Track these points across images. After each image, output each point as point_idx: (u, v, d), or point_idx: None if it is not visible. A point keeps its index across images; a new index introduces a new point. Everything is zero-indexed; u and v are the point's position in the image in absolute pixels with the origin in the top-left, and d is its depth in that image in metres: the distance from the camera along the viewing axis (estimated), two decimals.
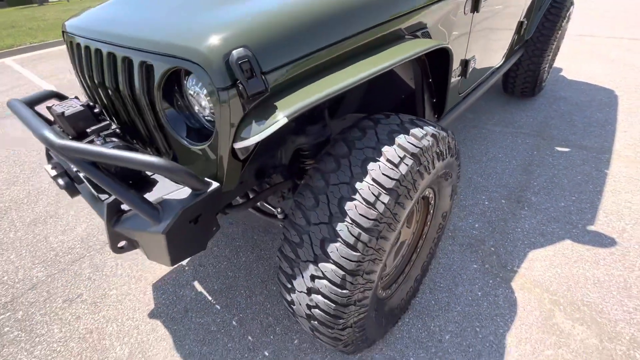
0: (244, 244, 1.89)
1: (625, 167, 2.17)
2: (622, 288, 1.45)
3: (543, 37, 2.62)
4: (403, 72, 1.32)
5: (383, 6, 1.04)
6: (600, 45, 4.44)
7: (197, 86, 0.81)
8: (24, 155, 3.05)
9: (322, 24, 0.88)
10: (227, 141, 0.81)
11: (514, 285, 1.51)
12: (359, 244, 0.82)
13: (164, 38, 0.82)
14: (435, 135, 0.98)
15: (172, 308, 1.57)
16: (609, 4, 6.74)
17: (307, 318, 0.95)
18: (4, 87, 5.18)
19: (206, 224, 0.95)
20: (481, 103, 3.20)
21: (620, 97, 3.05)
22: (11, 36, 8.87)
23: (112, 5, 1.20)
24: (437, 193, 1.25)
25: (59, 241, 2.02)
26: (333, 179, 0.88)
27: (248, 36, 0.76)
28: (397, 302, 1.28)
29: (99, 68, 1.06)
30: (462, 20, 1.43)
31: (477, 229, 1.83)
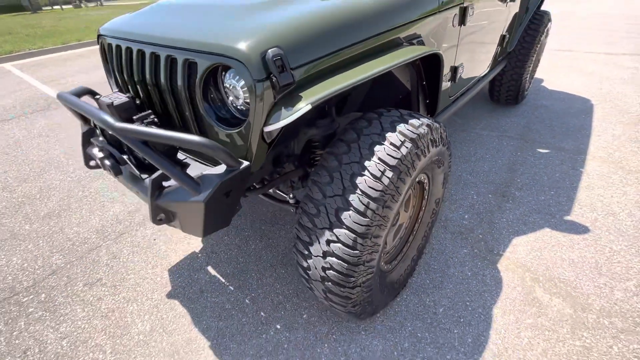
0: (253, 233, 2.03)
1: (598, 166, 2.40)
2: (594, 267, 1.64)
3: (524, 50, 2.88)
4: (401, 75, 1.51)
5: (384, 18, 1.24)
6: (579, 59, 4.78)
7: (235, 79, 0.98)
8: (31, 155, 3.14)
9: (338, 30, 1.06)
10: (259, 126, 0.97)
11: (500, 267, 1.69)
12: (368, 211, 0.98)
13: (208, 39, 0.98)
14: (429, 125, 1.16)
15: (189, 289, 1.69)
16: (589, 22, 7.21)
17: (322, 280, 1.10)
18: (6, 91, 5.25)
19: (234, 200, 1.11)
20: (469, 110, 3.44)
21: (595, 105, 3.33)
22: (9, 42, 8.93)
23: (150, 12, 1.37)
24: (431, 179, 1.43)
25: (75, 232, 2.13)
26: (345, 159, 1.05)
27: (280, 38, 0.94)
28: (396, 277, 1.44)
29: (139, 67, 1.21)
30: (451, 32, 1.64)
31: (466, 219, 2.01)
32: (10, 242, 2.09)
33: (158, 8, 1.43)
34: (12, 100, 4.82)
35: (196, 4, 1.33)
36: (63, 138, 3.45)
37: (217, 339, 1.45)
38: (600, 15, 7.79)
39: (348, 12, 1.12)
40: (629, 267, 1.63)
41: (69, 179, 2.71)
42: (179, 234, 2.05)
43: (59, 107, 4.40)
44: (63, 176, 2.76)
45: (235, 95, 1.01)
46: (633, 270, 1.61)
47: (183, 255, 1.91)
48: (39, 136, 3.55)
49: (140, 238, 2.05)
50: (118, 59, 1.33)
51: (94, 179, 2.68)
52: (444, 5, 1.49)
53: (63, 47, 8.16)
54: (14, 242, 2.08)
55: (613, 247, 1.75)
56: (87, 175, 2.75)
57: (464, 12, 1.65)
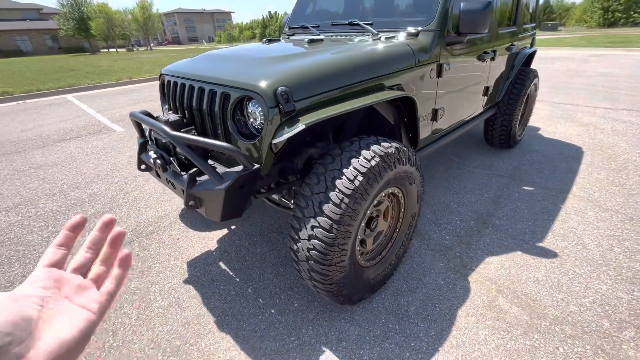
0: (260, 239, 2.37)
1: (577, 204, 2.62)
2: (555, 285, 1.84)
3: (511, 100, 3.27)
4: (385, 112, 1.92)
5: (370, 69, 1.67)
6: (579, 112, 5.10)
7: (255, 107, 1.41)
8: (84, 168, 3.72)
9: (329, 78, 1.50)
10: (268, 139, 1.37)
11: (470, 279, 1.92)
12: (342, 204, 1.32)
13: (240, 79, 1.44)
14: (397, 147, 1.53)
15: (202, 278, 2.02)
16: (594, 80, 7.61)
17: (306, 260, 1.41)
18: (66, 117, 6.14)
19: (247, 194, 1.48)
20: (466, 151, 3.78)
21: (585, 153, 3.59)
22: (72, 77, 10.36)
23: (199, 60, 1.89)
24: (406, 194, 1.76)
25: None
26: (329, 167, 1.42)
27: (287, 81, 1.37)
28: (373, 275, 1.72)
29: (189, 96, 1.69)
30: (429, 82, 2.06)
31: (447, 240, 2.27)
32: None
33: (205, 57, 1.97)
34: (71, 124, 5.64)
35: (232, 55, 1.84)
36: (110, 156, 4.05)
37: (221, 317, 1.74)
38: (607, 75, 8.19)
39: (339, 65, 1.57)
40: (587, 287, 1.82)
41: (113, 189, 3.21)
42: (199, 236, 2.42)
43: (108, 132, 5.13)
44: (108, 186, 3.27)
45: (254, 117, 1.44)
46: (591, 290, 1.80)
47: (200, 252, 2.26)
48: (90, 154, 4.18)
49: (166, 237, 2.43)
50: (173, 91, 1.82)
51: (133, 190, 3.17)
52: (421, 62, 1.93)
53: (116, 83, 9.39)
54: None
55: (576, 270, 1.95)
56: (128, 186, 3.25)
57: (440, 67, 2.08)
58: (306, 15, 2.86)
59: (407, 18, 2.20)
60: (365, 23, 2.20)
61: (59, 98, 8.11)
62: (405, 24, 2.11)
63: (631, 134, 4.03)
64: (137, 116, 1.69)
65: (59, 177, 3.53)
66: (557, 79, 7.88)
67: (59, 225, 2.62)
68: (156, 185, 3.24)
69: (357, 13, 2.55)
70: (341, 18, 2.52)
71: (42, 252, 2.30)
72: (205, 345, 1.59)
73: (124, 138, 4.79)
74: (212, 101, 1.57)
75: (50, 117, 6.17)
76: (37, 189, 3.27)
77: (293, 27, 2.79)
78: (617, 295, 1.76)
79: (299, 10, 2.93)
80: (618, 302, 1.72)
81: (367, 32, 2.17)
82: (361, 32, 2.21)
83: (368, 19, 2.26)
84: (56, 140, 4.80)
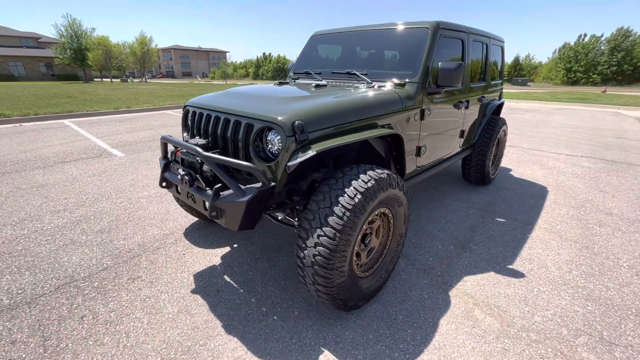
0: (261, 256, 2.57)
1: (542, 234, 2.98)
2: (522, 300, 2.12)
3: (484, 143, 3.75)
4: (377, 146, 2.28)
5: (366, 111, 2.05)
6: (544, 157, 5.71)
7: (274, 135, 1.72)
8: (87, 188, 3.87)
9: (335, 116, 1.85)
10: (284, 162, 1.67)
11: (450, 294, 2.17)
12: (344, 217, 1.60)
13: (263, 113, 1.76)
14: (389, 174, 1.85)
15: (208, 289, 2.19)
16: (560, 131, 8.48)
17: (312, 265, 1.65)
18: (65, 141, 6.30)
19: (262, 208, 1.75)
20: (448, 186, 4.18)
21: (549, 192, 4.05)
22: (69, 104, 10.59)
23: (222, 95, 2.24)
24: (394, 215, 2.05)
25: (121, 244, 2.70)
26: (333, 187, 1.71)
27: (302, 116, 1.71)
28: (367, 285, 1.95)
29: (214, 125, 2.00)
30: (414, 123, 2.46)
31: (430, 261, 2.54)
32: (70, 246, 2.65)
33: (227, 94, 2.32)
34: (71, 147, 5.80)
35: (252, 94, 2.19)
36: (113, 179, 4.23)
37: (228, 322, 1.91)
38: (570, 126, 9.15)
39: (342, 106, 1.93)
40: (549, 302, 2.10)
41: (118, 208, 3.37)
42: (204, 252, 2.60)
43: (109, 156, 5.32)
44: (113, 205, 3.42)
45: (272, 144, 1.74)
46: (552, 304, 2.08)
47: (206, 266, 2.43)
48: (93, 175, 4.34)
49: (172, 252, 2.60)
50: (199, 120, 2.13)
51: (137, 209, 3.34)
52: (407, 108, 2.33)
53: (114, 111, 9.67)
54: (74, 246, 2.65)
55: (540, 288, 2.24)
56: (132, 206, 3.41)
57: (423, 112, 2.50)
58: (309, 62, 3.32)
59: (395, 71, 2.66)
60: (361, 73, 2.64)
61: (57, 122, 8.28)
62: (394, 76, 2.55)
63: (589, 178, 4.57)
64: (168, 139, 1.97)
65: (62, 195, 3.66)
66: (527, 128, 8.73)
67: (66, 239, 2.74)
68: (160, 206, 3.43)
69: (353, 64, 3.01)
70: (338, 67, 2.98)
71: (50, 264, 2.42)
72: (214, 346, 1.74)
73: (124, 163, 4.98)
74: (236, 130, 1.88)
75: (49, 140, 6.32)
76: (42, 206, 3.38)
77: (298, 72, 3.23)
78: (574, 309, 2.05)
79: (303, 58, 3.40)
80: (574, 315, 2.00)
81: (362, 80, 2.59)
82: (357, 80, 2.64)
83: (363, 70, 2.71)
84: (56, 162, 4.94)
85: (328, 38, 3.35)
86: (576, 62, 41.82)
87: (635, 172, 4.85)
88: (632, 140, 7.23)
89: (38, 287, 2.16)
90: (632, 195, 3.92)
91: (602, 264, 2.52)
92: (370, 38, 3.02)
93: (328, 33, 3.36)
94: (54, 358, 1.65)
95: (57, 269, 2.35)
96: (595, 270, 2.44)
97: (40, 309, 1.97)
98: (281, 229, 3.02)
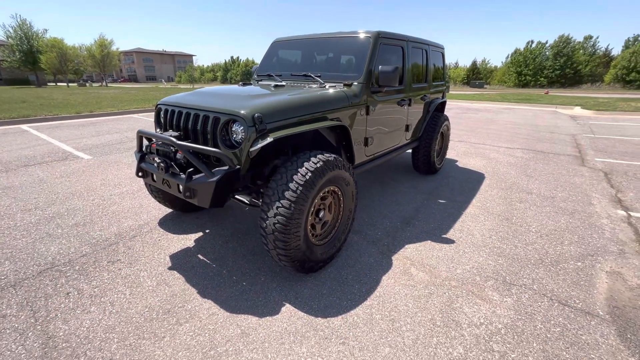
0: (232, 239, 2.88)
1: (473, 210, 3.53)
2: (449, 259, 2.60)
3: (428, 136, 4.30)
4: (329, 135, 2.68)
5: (318, 106, 2.44)
6: (487, 150, 6.44)
7: (238, 126, 2.06)
8: (57, 188, 3.95)
9: (290, 110, 2.22)
10: (247, 148, 2.02)
11: (393, 258, 2.61)
12: (297, 190, 1.97)
13: (228, 107, 2.10)
14: (335, 157, 2.25)
15: (184, 265, 2.47)
16: (503, 127, 9.42)
17: (272, 232, 2.00)
18: (25, 145, 6.17)
19: (229, 188, 2.08)
20: (400, 176, 4.69)
21: (486, 178, 4.68)
22: (25, 109, 10.15)
23: (192, 95, 2.54)
24: (343, 193, 2.46)
25: (98, 235, 2.89)
26: (289, 168, 2.08)
27: (261, 110, 2.07)
28: (322, 251, 2.33)
29: (185, 120, 2.30)
30: (360, 117, 2.89)
31: (379, 235, 2.98)
32: (47, 238, 2.81)
33: (196, 93, 2.62)
34: (33, 151, 5.72)
35: (218, 93, 2.51)
36: (83, 179, 4.32)
37: (203, 289, 2.21)
38: (512, 123, 10.19)
39: (295, 102, 2.31)
40: (470, 259, 2.60)
41: (90, 204, 3.52)
42: (178, 238, 2.86)
43: (75, 159, 5.34)
44: (85, 203, 3.57)
45: (236, 134, 2.08)
46: (472, 261, 2.58)
47: (180, 248, 2.70)
48: (60, 177, 4.40)
49: (148, 238, 2.84)
50: (171, 116, 2.42)
51: (110, 205, 3.51)
52: (353, 105, 2.76)
53: (76, 115, 9.42)
54: (50, 239, 2.81)
55: (465, 250, 2.74)
56: (105, 202, 3.58)
57: (368, 108, 2.94)
58: (271, 66, 3.68)
59: (345, 73, 3.08)
60: (316, 75, 3.04)
61: (14, 127, 7.97)
62: (344, 78, 2.98)
63: (519, 165, 5.30)
64: (145, 132, 2.25)
65: (31, 196, 3.73)
66: (476, 125, 9.63)
67: (42, 232, 2.89)
68: (133, 201, 3.61)
69: (309, 67, 3.40)
70: (297, 70, 3.36)
71: (29, 254, 2.57)
72: (192, 307, 2.04)
73: (92, 165, 5.04)
74: (205, 123, 2.19)
75: (7, 145, 6.15)
76: (11, 205, 3.45)
77: (261, 75, 3.58)
78: (487, 262, 2.56)
79: (265, 62, 3.75)
80: (487, 266, 2.50)
81: (316, 81, 2.99)
82: (312, 81, 3.04)
83: (318, 72, 3.11)
84: (19, 166, 4.90)
85: (287, 44, 3.73)
86: (526, 66, 45.45)
87: (558, 160, 5.67)
88: (561, 134, 8.26)
89: (20, 273, 2.33)
90: (551, 178, 4.65)
91: (516, 230, 3.09)
92: (324, 45, 3.44)
93: (287, 40, 3.74)
94: (45, 325, 1.87)
95: (37, 258, 2.52)
96: (510, 235, 3.00)
97: (25, 290, 2.16)
98: (249, 215, 3.33)
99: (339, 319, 1.95)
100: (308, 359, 1.68)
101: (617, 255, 2.67)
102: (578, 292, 2.22)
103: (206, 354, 1.70)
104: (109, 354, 1.68)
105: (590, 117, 12.27)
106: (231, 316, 1.97)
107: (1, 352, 1.68)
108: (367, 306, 2.06)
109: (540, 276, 2.38)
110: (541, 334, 1.85)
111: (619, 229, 3.14)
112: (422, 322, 1.93)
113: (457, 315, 1.99)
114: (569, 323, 1.94)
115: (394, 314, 2.00)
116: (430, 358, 1.69)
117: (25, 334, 1.80)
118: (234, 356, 1.69)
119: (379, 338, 1.81)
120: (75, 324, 1.87)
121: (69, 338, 1.78)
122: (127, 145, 6.34)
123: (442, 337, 1.82)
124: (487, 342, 1.79)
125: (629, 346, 1.78)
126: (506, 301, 2.12)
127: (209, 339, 1.80)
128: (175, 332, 1.83)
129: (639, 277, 2.38)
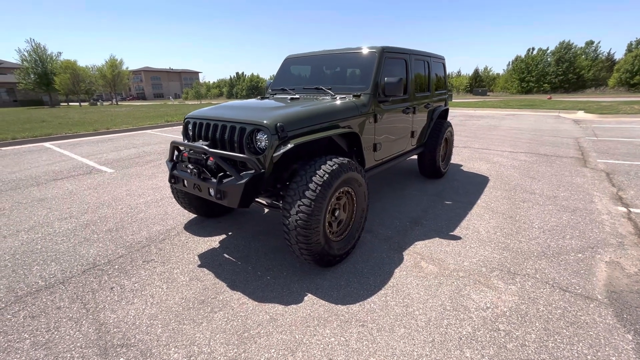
0: (254, 240, 3.11)
1: (478, 210, 3.72)
2: (457, 254, 2.79)
3: (433, 142, 4.53)
4: (341, 142, 2.93)
5: (330, 116, 2.70)
6: (491, 154, 6.63)
7: (262, 135, 2.32)
8: (87, 199, 4.25)
9: (307, 119, 2.48)
10: (270, 154, 2.27)
11: (404, 253, 2.81)
12: (317, 190, 2.21)
13: (253, 119, 2.36)
14: (349, 161, 2.49)
15: (211, 263, 2.70)
16: (506, 132, 9.60)
17: (295, 228, 2.22)
18: (51, 161, 6.54)
19: (256, 190, 2.32)
20: (407, 181, 4.91)
21: (490, 180, 4.87)
22: (45, 127, 10.65)
23: (218, 108, 2.83)
24: (356, 193, 2.69)
25: (130, 239, 3.15)
26: (308, 170, 2.32)
27: (283, 120, 2.33)
28: (338, 247, 2.55)
29: (214, 131, 2.58)
30: (369, 125, 3.15)
31: (390, 233, 3.19)
32: (85, 243, 3.07)
33: (221, 107, 2.91)
34: (59, 167, 6.08)
35: (241, 106, 2.79)
36: (109, 190, 4.62)
37: (232, 283, 2.43)
38: (516, 129, 10.37)
39: (311, 112, 2.58)
40: (476, 253, 2.79)
41: (120, 213, 3.79)
42: (204, 240, 3.10)
43: (99, 173, 5.66)
44: (115, 211, 3.84)
45: (261, 141, 2.34)
46: (478, 254, 2.77)
47: (207, 249, 2.94)
48: (88, 189, 4.70)
49: (177, 240, 3.08)
50: (199, 128, 2.70)
51: (138, 213, 3.78)
52: (362, 113, 3.02)
53: (94, 133, 9.87)
54: (88, 243, 3.07)
55: (471, 245, 2.92)
56: (132, 211, 3.85)
57: (376, 116, 3.20)
58: (284, 80, 3.98)
59: (353, 85, 3.35)
60: (327, 88, 3.32)
61: (37, 146, 8.41)
62: (352, 89, 3.25)
63: (522, 168, 5.47)
64: (178, 142, 2.53)
65: (64, 206, 4.02)
66: (480, 132, 9.84)
67: (80, 238, 3.15)
68: (158, 209, 3.88)
69: (320, 81, 3.68)
70: (309, 84, 3.65)
71: (71, 256, 2.83)
72: (223, 298, 2.26)
73: (116, 177, 5.36)
74: (232, 133, 2.46)
75: (34, 162, 6.53)
76: (47, 215, 3.74)
77: (275, 89, 3.87)
78: (493, 256, 2.74)
79: (279, 77, 4.05)
80: (493, 259, 2.68)
81: (327, 94, 3.27)
82: (324, 94, 3.31)
83: (328, 85, 3.39)
84: (48, 180, 5.24)
85: (299, 60, 4.04)
86: (528, 73, 45.71)
87: (561, 162, 5.84)
88: (564, 138, 8.42)
89: (67, 272, 2.58)
90: (554, 179, 4.82)
91: (520, 227, 3.27)
92: (333, 60, 3.74)
93: (299, 56, 4.05)
94: (96, 315, 2.10)
95: (79, 259, 2.78)
96: (514, 231, 3.18)
97: (74, 286, 2.41)
98: (269, 218, 3.57)
99: (357, 306, 2.15)
100: (331, 338, 1.88)
101: (617, 247, 2.83)
102: (578, 279, 2.39)
103: (241, 335, 1.91)
104: (155, 337, 1.90)
105: (593, 120, 12.40)
106: (260, 305, 2.18)
107: (62, 337, 1.92)
108: (382, 295, 2.26)
109: (542, 267, 2.56)
110: (543, 315, 2.03)
111: (619, 223, 3.30)
112: (433, 307, 2.12)
113: (465, 301, 2.17)
114: (569, 306, 2.11)
115: (407, 301, 2.19)
116: (442, 336, 1.88)
117: (79, 322, 2.04)
118: (266, 337, 1.89)
119: (394, 321, 2.01)
120: (122, 313, 2.11)
121: (119, 324, 2.01)
122: (146, 159, 6.68)
123: (452, 319, 2.01)
124: (494, 323, 1.97)
125: (624, 324, 1.94)
126: (511, 288, 2.30)
127: (242, 323, 2.01)
128: (211, 319, 2.05)
129: (636, 266, 2.54)
